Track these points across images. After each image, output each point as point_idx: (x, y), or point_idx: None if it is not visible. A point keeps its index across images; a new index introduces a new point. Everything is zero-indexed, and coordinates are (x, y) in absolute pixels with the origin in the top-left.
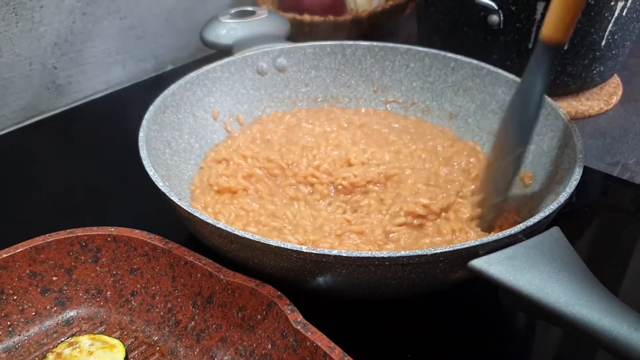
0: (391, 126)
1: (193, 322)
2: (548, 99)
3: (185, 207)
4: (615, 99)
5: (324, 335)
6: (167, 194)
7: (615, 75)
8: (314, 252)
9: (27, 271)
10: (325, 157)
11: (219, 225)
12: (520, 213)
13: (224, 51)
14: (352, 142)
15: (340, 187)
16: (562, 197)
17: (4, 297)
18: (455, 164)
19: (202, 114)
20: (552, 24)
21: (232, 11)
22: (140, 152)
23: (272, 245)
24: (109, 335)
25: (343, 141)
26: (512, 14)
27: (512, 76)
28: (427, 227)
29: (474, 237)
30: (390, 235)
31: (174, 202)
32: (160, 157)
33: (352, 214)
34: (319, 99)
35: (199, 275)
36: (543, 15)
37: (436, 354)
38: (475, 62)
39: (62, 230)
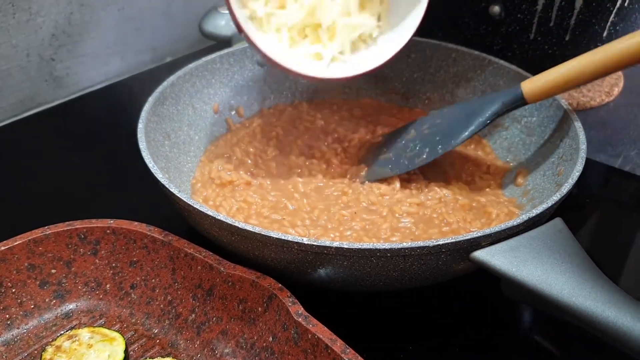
0: (397, 117)
1: (193, 315)
2: None
3: (184, 199)
4: (616, 90)
5: (325, 328)
6: (167, 186)
7: None
8: (315, 243)
9: (26, 264)
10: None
11: (219, 217)
12: (522, 205)
13: (223, 42)
14: (354, 130)
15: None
16: (565, 188)
17: (3, 290)
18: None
19: (202, 106)
20: (539, 90)
21: None
22: (140, 144)
23: (273, 237)
24: (109, 328)
25: (346, 131)
26: (514, 5)
27: (513, 67)
28: (434, 218)
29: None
30: (398, 225)
31: (173, 194)
32: (159, 149)
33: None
34: (319, 90)
35: (199, 267)
36: (544, 5)
37: (438, 345)
38: (476, 53)
39: (60, 223)
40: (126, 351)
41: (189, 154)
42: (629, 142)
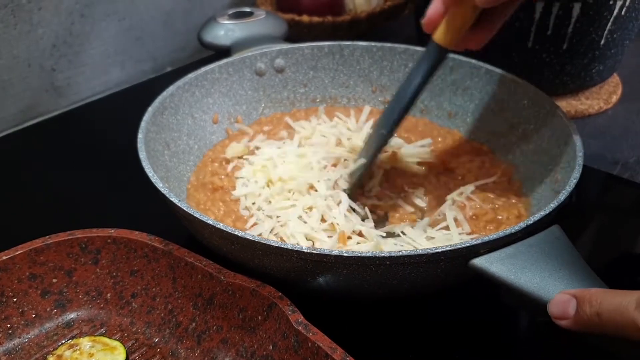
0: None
1: (194, 324)
2: (547, 98)
3: (185, 208)
4: (614, 98)
5: (325, 336)
6: (167, 195)
7: (615, 74)
8: (315, 252)
9: (27, 273)
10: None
11: (219, 226)
12: (521, 212)
13: (222, 52)
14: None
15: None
16: (562, 195)
17: (4, 300)
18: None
19: (201, 115)
20: (441, 31)
21: (230, 12)
22: (140, 154)
23: (272, 246)
24: (110, 337)
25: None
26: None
27: (510, 75)
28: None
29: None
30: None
31: (173, 204)
32: (159, 159)
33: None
34: (318, 100)
35: (199, 276)
36: (542, 14)
37: (438, 353)
38: (473, 61)
39: (61, 232)
40: None
41: (189, 163)
42: (627, 149)
